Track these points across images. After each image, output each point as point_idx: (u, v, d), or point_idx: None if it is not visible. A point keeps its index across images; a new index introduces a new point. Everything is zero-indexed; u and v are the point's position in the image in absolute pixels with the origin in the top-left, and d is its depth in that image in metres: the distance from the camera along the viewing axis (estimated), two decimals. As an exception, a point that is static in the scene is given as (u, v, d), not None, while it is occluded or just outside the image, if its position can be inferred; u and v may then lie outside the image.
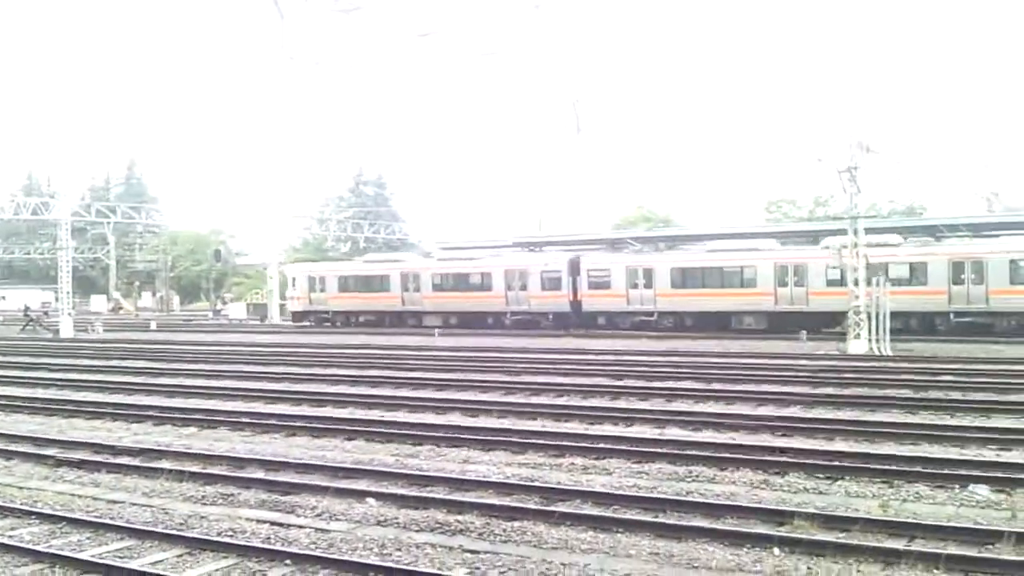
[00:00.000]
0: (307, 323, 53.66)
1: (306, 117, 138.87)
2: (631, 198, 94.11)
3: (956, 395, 19.61)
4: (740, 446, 14.35)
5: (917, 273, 36.56)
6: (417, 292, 48.71)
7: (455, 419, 18.00)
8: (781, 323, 38.60)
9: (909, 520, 10.08)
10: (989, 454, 13.60)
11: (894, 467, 12.57)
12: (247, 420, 18.04)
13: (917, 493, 11.47)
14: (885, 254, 35.77)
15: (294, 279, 54.51)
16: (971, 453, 13.66)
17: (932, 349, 30.56)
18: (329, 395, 21.86)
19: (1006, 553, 8.86)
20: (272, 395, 21.99)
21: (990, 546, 9.09)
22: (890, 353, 29.83)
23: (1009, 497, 11.01)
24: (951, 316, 36.17)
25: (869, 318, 30.82)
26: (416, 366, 28.57)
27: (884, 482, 11.95)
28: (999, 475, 11.92)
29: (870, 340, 30.70)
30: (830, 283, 37.01)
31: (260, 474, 13.13)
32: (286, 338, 45.08)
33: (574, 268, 44.30)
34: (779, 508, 10.67)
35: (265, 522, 10.65)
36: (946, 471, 12.27)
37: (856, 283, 31.38)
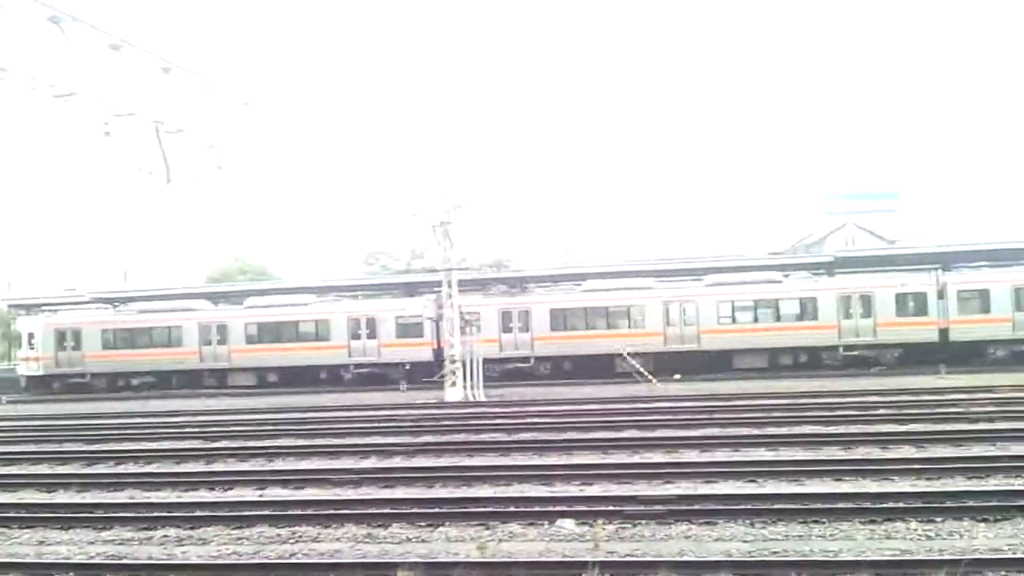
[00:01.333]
0: (48, 392, 43.61)
1: None
2: (226, 249, 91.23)
3: (545, 436, 20.95)
4: (344, 501, 14.20)
5: (806, 309, 37.71)
6: (223, 345, 41.94)
7: (28, 496, 16.07)
8: (670, 364, 37.60)
9: (505, 559, 10.47)
10: (573, 489, 14.59)
11: (490, 509, 13.07)
12: None
13: (511, 532, 11.99)
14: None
15: (31, 335, 44.31)
16: (559, 489, 14.59)
17: (520, 393, 32.58)
18: None
19: (591, 582, 9.48)
20: None
21: (577, 577, 9.68)
22: (484, 399, 31.38)
23: (591, 528, 11.85)
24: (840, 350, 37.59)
25: (464, 365, 32.31)
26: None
27: (481, 524, 12.37)
28: (583, 508, 12.82)
29: (465, 387, 32.14)
30: (721, 320, 37.90)
31: None
32: None
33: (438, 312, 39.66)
34: (383, 561, 10.63)
35: None
36: (536, 508, 12.97)
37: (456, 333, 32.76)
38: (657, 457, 17.26)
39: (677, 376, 36.27)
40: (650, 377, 34.69)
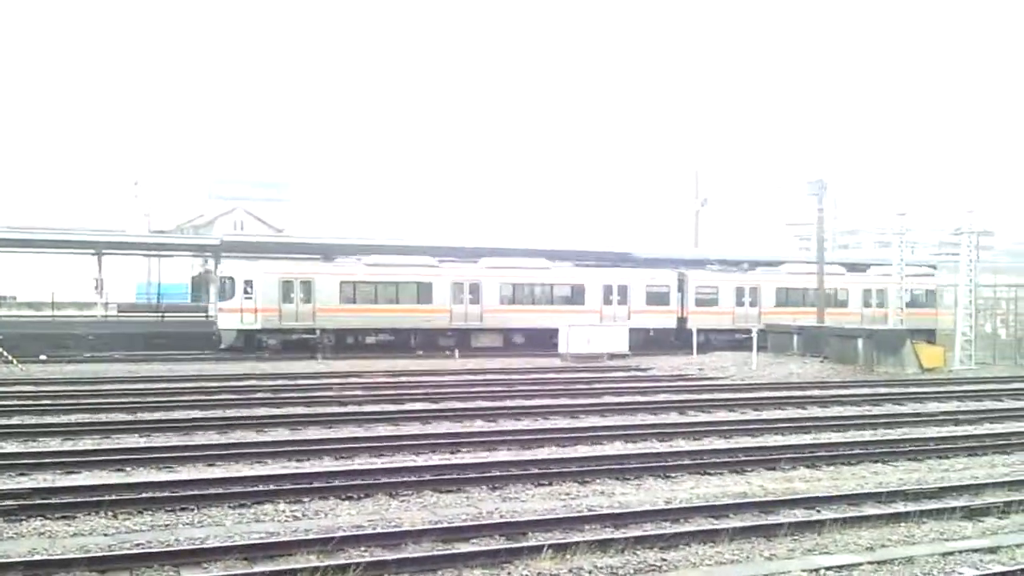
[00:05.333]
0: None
1: None
2: None
3: None
4: None
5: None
6: (475, 305, 38.76)
7: None
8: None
9: None
10: None
11: None
12: None
13: None
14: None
15: (249, 283, 36.39)
16: None
17: None
18: None
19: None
20: None
21: None
22: None
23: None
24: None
25: None
26: None
27: None
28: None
29: None
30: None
31: None
32: None
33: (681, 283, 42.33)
34: None
35: None
36: None
37: None
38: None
39: (43, 357, 33.24)
40: (12, 359, 31.25)
